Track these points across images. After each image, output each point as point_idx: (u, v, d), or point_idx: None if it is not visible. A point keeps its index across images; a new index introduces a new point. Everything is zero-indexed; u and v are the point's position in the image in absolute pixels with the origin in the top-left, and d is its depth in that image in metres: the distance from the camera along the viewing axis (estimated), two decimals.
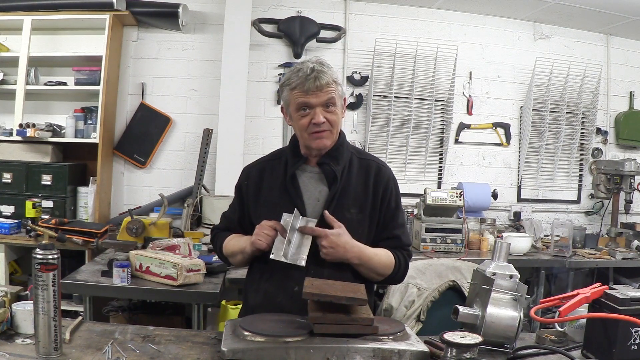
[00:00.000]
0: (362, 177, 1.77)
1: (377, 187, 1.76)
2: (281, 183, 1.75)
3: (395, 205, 1.80)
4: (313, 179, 1.75)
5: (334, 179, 1.72)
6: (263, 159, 1.88)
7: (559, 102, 4.42)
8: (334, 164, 1.72)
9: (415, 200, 3.81)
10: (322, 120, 1.65)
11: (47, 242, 2.37)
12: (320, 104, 1.66)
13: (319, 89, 1.64)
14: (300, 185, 1.74)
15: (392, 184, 1.80)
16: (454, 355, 1.31)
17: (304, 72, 1.65)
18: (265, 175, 1.80)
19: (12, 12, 3.66)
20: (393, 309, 2.25)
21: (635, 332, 1.35)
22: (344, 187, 1.73)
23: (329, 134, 1.69)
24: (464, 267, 2.36)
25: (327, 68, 1.68)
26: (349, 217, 1.69)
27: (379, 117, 4.21)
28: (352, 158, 1.79)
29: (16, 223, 3.34)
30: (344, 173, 1.74)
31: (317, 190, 1.74)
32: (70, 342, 1.42)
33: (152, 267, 2.40)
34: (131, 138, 4.01)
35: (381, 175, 1.79)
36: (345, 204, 1.71)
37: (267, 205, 1.74)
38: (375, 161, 1.84)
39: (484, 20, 4.41)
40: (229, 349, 1.30)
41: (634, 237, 3.95)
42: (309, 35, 4.05)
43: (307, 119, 1.67)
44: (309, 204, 1.72)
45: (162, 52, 4.06)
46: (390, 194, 1.78)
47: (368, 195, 1.75)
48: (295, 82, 1.66)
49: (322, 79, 1.64)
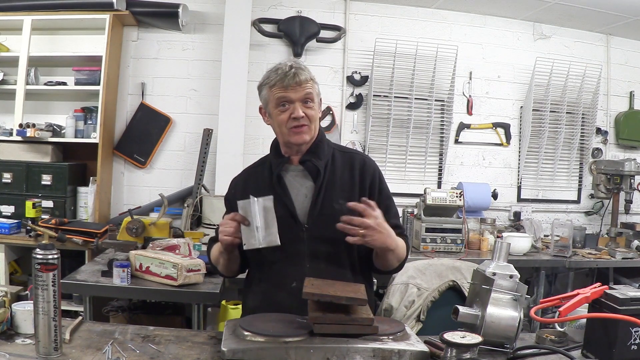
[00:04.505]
0: (347, 170, 1.79)
1: (363, 180, 1.79)
2: (267, 185, 1.77)
3: (386, 196, 1.83)
4: (298, 177, 1.78)
5: (317, 173, 1.74)
6: (247, 168, 1.93)
7: (559, 102, 4.42)
8: (315, 159, 1.75)
9: (415, 200, 3.81)
10: (302, 114, 1.69)
11: (47, 242, 2.37)
12: (299, 99, 1.70)
13: (298, 84, 1.69)
14: (286, 184, 1.76)
15: (377, 175, 1.83)
16: (454, 355, 1.31)
17: (282, 70, 1.70)
18: (250, 181, 1.84)
19: (12, 12, 3.66)
20: (393, 309, 2.25)
21: (635, 332, 1.35)
22: (329, 179, 1.75)
23: (307, 128, 1.72)
24: (464, 267, 2.36)
25: (304, 67, 1.74)
26: (337, 207, 1.69)
27: (379, 117, 4.21)
28: (334, 153, 1.82)
29: (16, 223, 3.34)
30: (327, 167, 1.77)
31: (304, 187, 1.76)
32: (70, 342, 1.42)
33: (152, 267, 2.40)
34: (131, 138, 4.01)
35: (366, 168, 1.81)
36: (333, 196, 1.73)
37: None
38: (359, 154, 1.88)
39: (484, 20, 4.41)
40: (229, 349, 1.30)
41: (634, 237, 3.95)
42: (309, 35, 4.05)
43: (286, 114, 1.71)
44: (298, 200, 1.74)
45: (162, 52, 4.06)
46: (379, 185, 1.81)
47: (355, 186, 1.77)
48: (275, 79, 1.70)
49: (300, 75, 1.69)
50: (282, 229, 1.67)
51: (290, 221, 1.72)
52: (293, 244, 1.70)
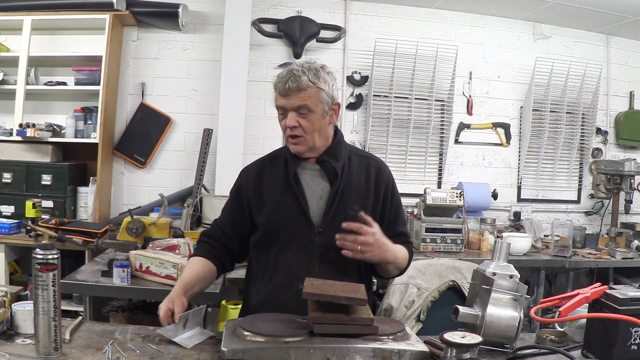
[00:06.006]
0: (363, 174, 1.78)
1: (378, 186, 1.78)
2: (282, 181, 1.74)
3: (397, 203, 1.83)
4: (314, 176, 1.75)
5: (334, 175, 1.72)
6: (261, 158, 1.88)
7: (559, 102, 4.42)
8: (333, 161, 1.73)
9: (415, 200, 3.81)
10: (293, 124, 1.65)
11: (47, 242, 2.37)
12: (292, 108, 1.65)
13: (294, 92, 1.63)
14: (302, 184, 1.73)
15: (392, 182, 1.83)
16: (454, 355, 1.31)
17: (282, 74, 1.66)
18: (265, 173, 1.79)
19: (12, 12, 3.66)
20: (393, 309, 2.25)
21: (635, 332, 1.35)
22: (345, 183, 1.73)
23: (302, 139, 1.68)
24: (464, 267, 2.36)
25: (307, 70, 1.64)
26: (351, 213, 1.68)
27: (379, 117, 4.21)
28: (350, 156, 1.80)
29: (16, 223, 3.34)
30: (344, 170, 1.74)
31: (319, 188, 1.74)
32: (70, 342, 1.42)
33: (152, 267, 2.40)
34: (131, 138, 4.01)
35: (382, 174, 1.81)
36: (348, 200, 1.72)
37: (271, 202, 1.74)
38: (375, 159, 1.86)
39: (484, 20, 4.41)
40: (229, 349, 1.30)
41: (634, 237, 3.95)
42: (309, 35, 4.05)
43: (284, 122, 1.69)
44: (312, 201, 1.72)
45: (162, 52, 4.05)
46: (392, 193, 1.81)
47: (370, 192, 1.76)
48: (276, 84, 1.68)
49: (296, 82, 1.62)
50: (295, 229, 1.67)
51: (304, 222, 1.70)
52: (304, 246, 1.69)
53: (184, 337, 1.47)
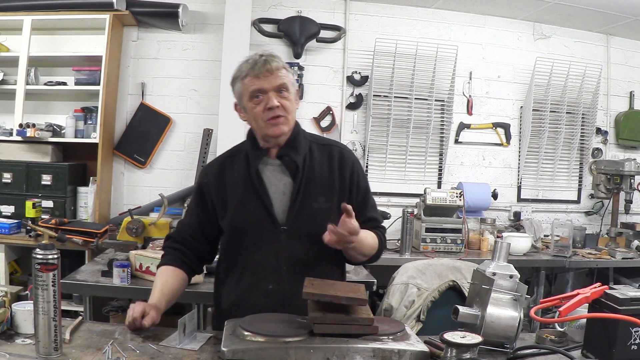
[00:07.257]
0: (326, 163, 1.74)
1: (342, 173, 1.74)
2: (244, 179, 1.71)
3: (365, 188, 1.79)
4: (276, 172, 1.71)
5: (296, 169, 1.69)
6: (222, 155, 1.84)
7: (559, 102, 4.42)
8: (293, 154, 1.69)
9: (415, 200, 3.81)
10: (277, 104, 1.63)
11: (47, 242, 2.37)
12: (273, 88, 1.64)
13: (270, 72, 1.63)
14: (264, 181, 1.70)
15: (356, 166, 1.79)
16: (454, 355, 1.31)
17: (253, 59, 1.66)
18: (226, 171, 1.76)
19: (12, 12, 3.66)
20: (393, 309, 2.25)
21: (635, 332, 1.35)
22: (308, 176, 1.70)
23: (284, 119, 1.66)
24: (464, 267, 2.36)
25: (276, 55, 1.68)
26: (316, 206, 1.67)
27: (379, 117, 4.20)
28: (311, 146, 1.76)
29: (16, 223, 3.34)
30: (305, 162, 1.71)
31: (282, 183, 1.70)
32: (70, 342, 1.42)
33: (152, 267, 2.40)
34: (131, 138, 4.01)
35: (345, 160, 1.76)
36: (312, 194, 1.68)
37: (233, 203, 1.71)
38: (337, 145, 1.82)
39: (484, 20, 4.41)
40: (229, 349, 1.30)
41: (634, 237, 3.94)
42: (309, 35, 4.05)
43: (261, 105, 1.65)
44: (275, 197, 1.69)
45: (162, 52, 4.05)
46: (357, 177, 1.77)
47: (334, 181, 1.73)
48: (246, 70, 1.66)
49: (272, 63, 1.63)
50: (260, 229, 1.65)
51: (268, 221, 1.67)
52: (270, 245, 1.66)
53: (187, 343, 1.47)
